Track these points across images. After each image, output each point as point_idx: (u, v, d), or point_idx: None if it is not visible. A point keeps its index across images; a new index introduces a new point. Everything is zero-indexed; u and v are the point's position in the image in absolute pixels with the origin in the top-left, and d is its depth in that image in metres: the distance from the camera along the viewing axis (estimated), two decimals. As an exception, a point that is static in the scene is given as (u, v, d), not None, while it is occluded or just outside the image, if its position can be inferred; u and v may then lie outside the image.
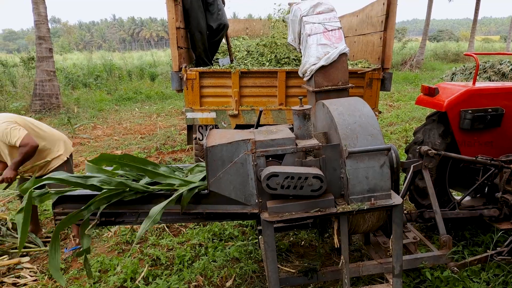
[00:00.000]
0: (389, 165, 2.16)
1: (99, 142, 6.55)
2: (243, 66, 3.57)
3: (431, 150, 2.58)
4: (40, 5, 8.14)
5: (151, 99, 10.65)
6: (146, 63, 16.67)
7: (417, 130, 3.33)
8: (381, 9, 3.27)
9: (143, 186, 2.04)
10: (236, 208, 2.11)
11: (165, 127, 7.47)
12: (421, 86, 3.19)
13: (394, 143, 6.11)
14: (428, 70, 16.16)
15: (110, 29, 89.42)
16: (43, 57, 8.34)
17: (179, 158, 5.58)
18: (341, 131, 2.12)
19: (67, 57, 25.45)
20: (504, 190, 2.72)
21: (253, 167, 2.05)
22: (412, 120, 7.58)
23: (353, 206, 2.06)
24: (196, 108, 3.41)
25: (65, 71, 12.47)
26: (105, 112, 8.91)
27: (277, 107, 3.42)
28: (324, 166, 2.09)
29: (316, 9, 2.67)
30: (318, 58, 2.55)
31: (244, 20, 6.13)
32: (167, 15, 3.27)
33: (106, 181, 2.02)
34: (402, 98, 10.18)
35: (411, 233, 2.62)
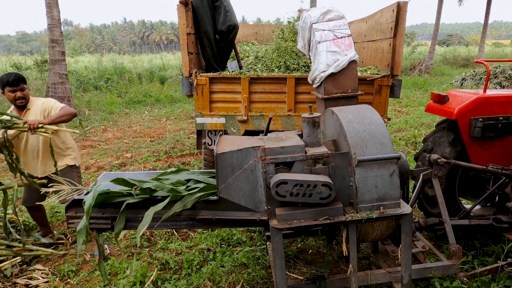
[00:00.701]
0: (399, 174, 2.16)
1: (109, 145, 6.63)
2: (253, 72, 3.60)
3: (441, 158, 2.57)
4: (53, 9, 8.30)
5: (160, 102, 10.75)
6: (156, 67, 16.85)
7: (426, 137, 3.31)
8: (391, 16, 3.27)
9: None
10: (245, 215, 2.13)
11: (174, 130, 7.53)
12: (431, 94, 3.18)
13: (403, 150, 6.07)
14: (437, 75, 16.02)
15: (120, 32, 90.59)
16: (56, 60, 8.50)
17: (187, 162, 5.63)
18: (350, 139, 2.13)
19: (79, 60, 25.87)
20: (515, 199, 2.69)
21: (263, 174, 2.07)
22: (421, 126, 7.52)
23: (362, 214, 2.06)
24: (206, 114, 3.45)
25: (77, 74, 12.66)
26: (115, 115, 9.02)
27: (286, 113, 3.43)
28: (333, 174, 2.10)
29: (326, 16, 2.69)
30: (327, 65, 2.56)
31: (254, 25, 6.17)
32: (178, 21, 3.32)
33: (160, 186, 2.07)
34: (411, 104, 10.11)
35: (420, 242, 2.60)
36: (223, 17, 3.65)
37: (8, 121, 2.69)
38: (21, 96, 2.93)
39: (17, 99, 2.93)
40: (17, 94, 2.92)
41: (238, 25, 3.79)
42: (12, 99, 2.93)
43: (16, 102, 2.94)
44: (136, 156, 5.91)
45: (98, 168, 5.41)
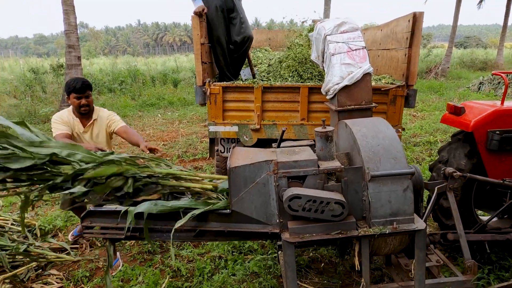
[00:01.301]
0: (413, 188, 2.14)
1: (122, 148, 6.74)
2: (266, 81, 3.61)
3: (456, 172, 2.53)
4: (70, 15, 8.51)
5: (173, 105, 10.87)
6: (169, 69, 17.04)
7: (442, 148, 3.27)
8: (406, 26, 3.24)
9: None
10: (257, 227, 2.14)
11: (187, 134, 7.60)
12: (447, 105, 3.13)
13: (417, 156, 5.98)
14: (454, 78, 15.71)
15: (134, 34, 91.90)
16: (72, 64, 8.69)
17: (200, 167, 5.67)
18: (364, 153, 2.12)
19: (93, 62, 26.36)
20: (534, 214, 2.62)
21: (275, 187, 2.08)
22: (437, 131, 7.40)
23: (375, 229, 2.05)
24: (219, 122, 3.48)
25: (92, 77, 12.91)
26: (129, 118, 9.16)
27: (299, 122, 3.43)
28: (346, 188, 2.10)
29: (341, 28, 2.68)
30: (341, 77, 2.56)
31: (267, 31, 6.19)
32: (192, 32, 3.36)
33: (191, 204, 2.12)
34: (426, 108, 9.95)
35: (434, 256, 2.56)
36: (238, 28, 3.69)
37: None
38: (86, 103, 2.93)
39: (82, 106, 2.92)
40: (82, 101, 2.91)
41: (252, 37, 3.81)
42: (77, 106, 2.92)
43: (80, 109, 2.93)
44: (150, 160, 5.98)
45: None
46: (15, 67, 18.51)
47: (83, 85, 2.86)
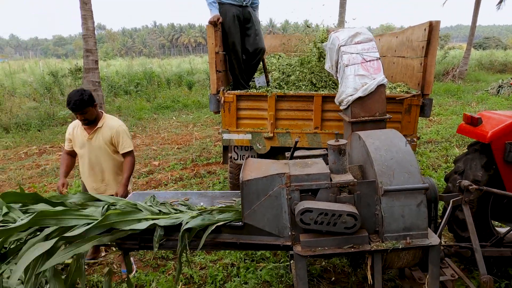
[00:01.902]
0: (427, 201, 2.12)
1: (138, 151, 6.86)
2: (279, 90, 3.64)
3: (472, 185, 2.48)
4: (88, 20, 8.71)
5: (188, 108, 10.99)
6: (184, 71, 17.22)
7: (458, 158, 3.21)
8: (422, 35, 3.20)
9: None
10: (269, 240, 2.16)
11: (201, 137, 7.68)
12: (463, 115, 3.08)
13: (433, 163, 5.89)
14: (472, 81, 15.35)
15: (150, 35, 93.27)
16: (90, 68, 8.91)
17: (213, 171, 5.73)
18: (377, 167, 2.12)
19: (110, 64, 26.91)
20: (553, 229, 2.56)
21: (287, 200, 2.10)
22: (453, 137, 7.25)
23: (387, 244, 2.04)
24: (233, 130, 3.51)
25: (109, 79, 13.18)
26: (144, 121, 9.32)
27: (313, 130, 3.43)
28: (358, 202, 2.09)
29: (355, 39, 2.67)
30: (355, 89, 2.55)
31: (281, 36, 6.20)
32: (207, 41, 3.41)
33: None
34: (443, 112, 9.77)
35: (449, 270, 2.51)
36: (253, 40, 3.74)
37: None
38: (83, 119, 2.92)
39: (81, 120, 2.95)
40: (79, 117, 2.92)
41: (265, 49, 3.86)
42: (79, 120, 2.98)
43: (82, 123, 2.98)
44: (164, 164, 6.08)
45: (127, 175, 5.62)
46: (35, 69, 19.05)
47: (74, 106, 2.81)
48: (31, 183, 5.57)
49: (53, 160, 6.53)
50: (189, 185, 5.17)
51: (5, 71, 16.70)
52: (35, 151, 7.06)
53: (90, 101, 2.90)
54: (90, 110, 2.90)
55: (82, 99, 2.82)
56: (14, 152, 7.01)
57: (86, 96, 2.86)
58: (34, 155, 6.89)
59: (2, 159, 6.68)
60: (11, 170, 6.04)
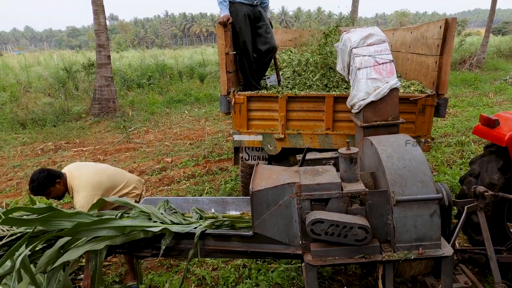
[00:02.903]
0: (440, 208, 2.08)
1: (151, 147, 6.94)
2: (290, 90, 3.60)
3: (488, 191, 2.42)
4: (100, 15, 8.75)
5: (200, 101, 11.01)
6: (196, 62, 17.19)
7: (473, 160, 3.13)
8: (437, 32, 3.09)
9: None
10: (280, 248, 2.17)
11: (213, 132, 7.71)
12: (480, 116, 2.99)
13: (448, 158, 5.77)
14: (490, 70, 14.80)
15: (162, 25, 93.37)
16: (102, 63, 8.99)
17: (225, 168, 5.76)
18: (389, 176, 2.08)
19: (123, 55, 27.09)
20: None
21: (298, 210, 2.09)
22: (469, 130, 7.06)
23: (399, 254, 2.02)
24: (243, 131, 3.50)
25: (121, 73, 13.28)
26: (156, 116, 9.39)
27: (324, 131, 3.39)
28: (370, 212, 2.07)
29: (367, 40, 2.60)
30: (367, 93, 2.50)
31: (292, 31, 6.10)
32: (217, 41, 3.38)
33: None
34: (459, 104, 9.51)
35: (462, 276, 2.48)
36: (264, 38, 3.71)
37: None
38: (49, 198, 2.75)
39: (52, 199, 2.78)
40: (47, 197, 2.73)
41: (276, 47, 3.81)
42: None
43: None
44: (176, 160, 6.14)
45: (140, 172, 5.70)
46: (50, 61, 19.34)
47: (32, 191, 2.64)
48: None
49: (69, 156, 6.67)
50: (201, 182, 5.22)
51: (21, 64, 17.04)
52: (51, 147, 7.22)
53: (49, 181, 2.64)
54: (53, 189, 2.67)
55: (39, 183, 2.61)
56: (31, 148, 7.19)
57: (41, 178, 2.61)
58: (50, 151, 7.05)
59: (20, 155, 6.87)
60: (28, 167, 6.21)
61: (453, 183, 4.64)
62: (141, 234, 2.11)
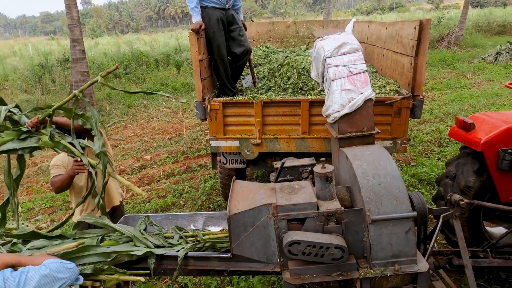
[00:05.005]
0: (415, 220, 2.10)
1: (129, 144, 6.79)
2: (266, 93, 3.53)
3: (463, 200, 2.45)
4: (73, 9, 8.33)
5: (177, 91, 10.77)
6: (172, 49, 16.69)
7: (449, 161, 3.17)
8: (412, 33, 3.04)
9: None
10: (259, 266, 2.17)
11: (191, 126, 7.59)
12: (455, 118, 3.00)
13: (426, 148, 5.86)
14: (468, 47, 14.90)
15: (137, 8, 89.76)
16: (77, 58, 8.64)
17: (204, 164, 5.70)
18: (364, 194, 2.07)
19: (98, 42, 26.04)
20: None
21: (275, 229, 2.08)
22: (447, 116, 7.18)
23: (376, 271, 2.04)
24: (220, 137, 3.44)
25: (97, 63, 12.79)
26: (134, 109, 9.15)
27: (300, 135, 3.36)
28: (346, 230, 2.07)
29: (341, 49, 2.52)
30: (342, 105, 2.45)
31: (267, 23, 5.94)
32: (190, 48, 3.25)
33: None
34: (436, 86, 9.61)
35: (439, 283, 2.56)
36: (238, 41, 3.63)
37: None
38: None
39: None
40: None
41: (251, 49, 3.72)
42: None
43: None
44: (155, 157, 6.05)
45: (120, 171, 5.59)
46: (25, 51, 18.48)
47: None
48: (28, 182, 5.54)
49: (48, 156, 6.45)
50: (181, 181, 5.16)
51: (-4, 55, 16.25)
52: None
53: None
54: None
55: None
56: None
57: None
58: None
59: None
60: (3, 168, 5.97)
61: (431, 175, 4.73)
62: (125, 257, 2.13)
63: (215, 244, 2.28)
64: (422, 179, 4.75)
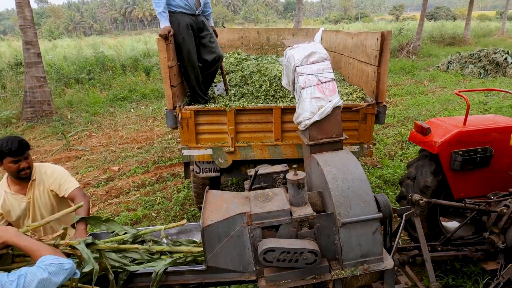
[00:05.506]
0: (381, 220, 2.23)
1: (95, 154, 6.55)
2: (238, 101, 3.57)
3: (422, 199, 2.65)
4: (25, 8, 7.85)
5: (146, 98, 10.54)
6: (140, 53, 16.33)
7: (410, 163, 3.39)
8: (375, 44, 3.23)
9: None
10: (234, 276, 2.19)
11: (162, 134, 7.45)
12: (414, 123, 3.22)
13: (390, 150, 6.17)
14: (424, 56, 15.97)
15: (100, 9, 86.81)
16: (32, 62, 8.14)
17: (177, 173, 5.63)
18: (334, 198, 2.18)
19: (57, 44, 24.87)
20: (491, 231, 2.81)
21: (250, 238, 2.12)
22: (408, 121, 7.60)
23: (347, 272, 2.15)
24: (192, 146, 3.43)
25: (56, 67, 12.20)
26: (99, 117, 8.82)
27: (273, 142, 3.44)
28: (318, 234, 2.16)
29: (310, 58, 2.64)
30: (312, 113, 2.55)
31: (238, 30, 6.01)
32: (159, 55, 3.23)
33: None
34: (398, 92, 10.15)
35: (403, 277, 2.71)
36: (210, 48, 3.62)
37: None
38: (26, 166, 2.36)
39: (21, 170, 2.35)
40: (21, 164, 2.33)
41: (223, 56, 3.74)
42: (15, 171, 2.34)
43: (20, 173, 2.37)
44: (124, 168, 5.87)
45: (85, 184, 5.37)
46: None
47: (20, 147, 2.28)
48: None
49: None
50: (152, 192, 5.06)
51: None
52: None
53: (28, 144, 2.39)
54: (29, 155, 2.41)
55: (22, 141, 2.32)
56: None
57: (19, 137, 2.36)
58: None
59: None
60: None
61: (395, 176, 4.99)
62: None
63: (197, 258, 2.26)
64: (387, 180, 5.00)
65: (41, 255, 1.58)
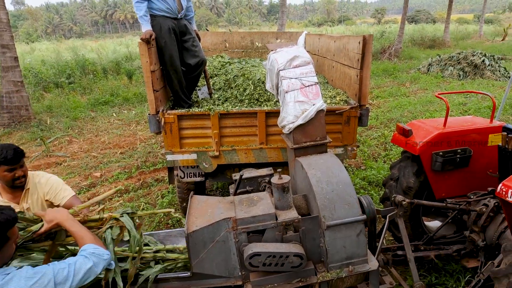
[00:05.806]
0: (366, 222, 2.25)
1: (76, 160, 6.39)
2: (222, 105, 3.55)
3: (405, 200, 2.69)
4: (0, 10, 7.61)
5: (129, 102, 10.37)
6: (122, 56, 16.06)
7: (393, 165, 3.44)
8: (357, 47, 3.28)
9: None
10: (220, 282, 2.17)
11: (145, 138, 7.34)
12: (396, 126, 3.27)
13: (373, 152, 6.26)
14: (406, 58, 16.32)
15: (80, 11, 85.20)
16: (8, 67, 7.89)
17: (161, 178, 5.55)
18: (319, 201, 2.19)
19: (35, 48, 24.22)
20: (471, 230, 2.88)
21: (235, 243, 2.10)
22: (391, 122, 7.73)
23: (332, 274, 2.16)
24: (176, 151, 3.39)
25: (34, 71, 11.87)
26: (80, 122, 8.62)
27: (258, 146, 3.43)
28: (304, 237, 2.17)
29: (293, 62, 2.65)
30: (296, 116, 2.56)
31: (222, 33, 6.00)
32: (141, 59, 3.18)
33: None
34: (381, 94, 10.32)
35: (388, 277, 2.74)
36: (193, 52, 3.58)
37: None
38: (22, 174, 2.29)
39: (17, 178, 2.27)
40: (17, 173, 2.25)
41: (206, 60, 3.71)
42: (10, 180, 2.25)
43: (15, 182, 2.29)
44: (106, 174, 5.74)
45: (67, 190, 5.22)
46: None
47: (15, 155, 2.21)
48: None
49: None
50: (136, 198, 4.97)
51: None
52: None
53: (23, 152, 2.32)
54: (24, 163, 2.34)
55: (17, 148, 2.24)
56: None
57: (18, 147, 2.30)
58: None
59: None
60: None
61: (379, 177, 5.06)
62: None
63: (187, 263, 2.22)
64: (371, 181, 5.06)
65: (85, 243, 1.72)
